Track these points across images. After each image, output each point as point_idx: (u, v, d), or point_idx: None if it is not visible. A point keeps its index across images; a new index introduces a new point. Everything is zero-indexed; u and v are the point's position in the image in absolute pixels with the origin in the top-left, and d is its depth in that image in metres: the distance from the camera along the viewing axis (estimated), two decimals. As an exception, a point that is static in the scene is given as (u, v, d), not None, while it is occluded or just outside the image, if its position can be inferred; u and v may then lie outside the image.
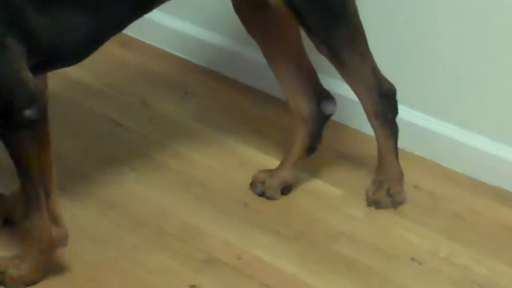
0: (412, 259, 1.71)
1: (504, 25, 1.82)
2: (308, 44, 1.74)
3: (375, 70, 1.75)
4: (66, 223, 1.60)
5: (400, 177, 1.83)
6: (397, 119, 1.85)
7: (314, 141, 1.85)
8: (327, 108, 1.84)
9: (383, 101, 1.76)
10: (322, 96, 1.84)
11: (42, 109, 1.50)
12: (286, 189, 1.86)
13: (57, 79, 1.93)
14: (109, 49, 2.26)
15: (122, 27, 1.61)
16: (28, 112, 1.49)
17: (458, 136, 1.94)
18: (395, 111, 1.79)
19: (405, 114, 1.96)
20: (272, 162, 1.92)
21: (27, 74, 1.49)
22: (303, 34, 1.75)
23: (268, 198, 1.85)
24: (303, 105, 1.83)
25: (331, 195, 1.87)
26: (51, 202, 1.57)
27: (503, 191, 1.88)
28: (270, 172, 1.87)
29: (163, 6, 1.90)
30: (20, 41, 1.47)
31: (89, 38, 1.56)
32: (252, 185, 1.87)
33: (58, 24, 1.50)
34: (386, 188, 1.82)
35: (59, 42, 1.52)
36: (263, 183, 1.86)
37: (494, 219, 1.81)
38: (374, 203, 1.83)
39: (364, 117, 1.82)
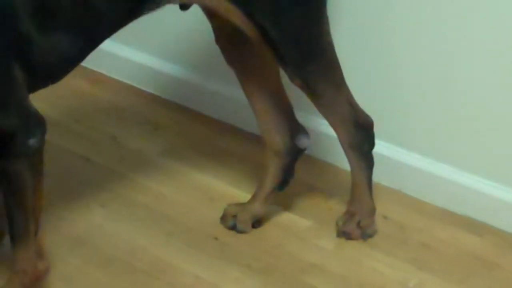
0: (382, 290, 1.73)
1: (475, 58, 1.84)
2: (285, 78, 1.75)
3: (351, 102, 1.75)
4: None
5: (372, 210, 1.84)
6: (365, 150, 1.87)
7: (287, 176, 1.85)
8: (301, 142, 1.84)
9: (359, 133, 1.77)
10: (297, 130, 1.84)
11: (42, 137, 1.49)
12: (257, 223, 1.87)
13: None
14: (78, 84, 2.28)
15: (100, 41, 1.60)
16: (31, 141, 1.47)
17: (425, 166, 1.95)
18: (371, 144, 1.79)
19: (373, 145, 1.98)
20: (242, 196, 1.92)
21: (29, 102, 1.48)
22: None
23: (239, 231, 1.85)
24: (277, 139, 1.83)
25: (301, 227, 1.88)
26: (38, 235, 1.55)
27: (470, 220, 1.90)
28: (242, 205, 1.87)
29: (131, 41, 1.92)
30: (23, 67, 1.46)
31: (72, 57, 1.56)
32: (223, 218, 1.87)
33: (53, 45, 1.50)
34: (357, 220, 1.83)
35: (51, 63, 1.51)
36: (234, 216, 1.86)
37: (462, 247, 1.83)
38: (343, 233, 1.84)
39: (333, 149, 1.84)
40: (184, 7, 1.68)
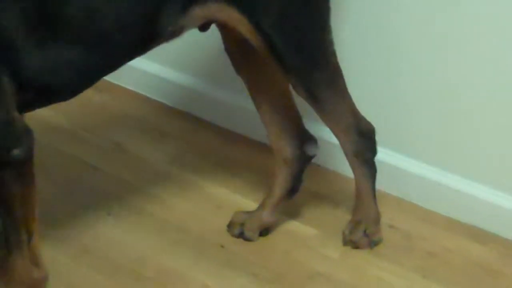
0: (388, 298, 1.73)
1: (479, 64, 1.85)
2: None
3: (353, 110, 1.77)
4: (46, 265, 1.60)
5: (377, 217, 1.85)
6: (371, 159, 1.88)
7: (296, 183, 1.86)
8: (309, 149, 1.85)
9: (362, 140, 1.78)
10: (305, 138, 1.86)
11: (29, 148, 1.51)
12: (265, 231, 1.87)
13: (32, 123, 1.94)
14: (85, 93, 2.27)
15: (114, 68, 1.62)
16: (16, 152, 1.49)
17: (431, 175, 1.96)
18: (374, 151, 1.81)
19: (380, 154, 1.98)
20: (249, 204, 1.93)
21: (15, 113, 1.49)
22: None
23: (246, 239, 1.86)
24: (286, 147, 1.84)
25: (308, 236, 1.88)
26: (32, 243, 1.57)
27: (477, 229, 1.90)
28: (250, 213, 1.88)
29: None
30: (13, 79, 1.47)
31: (82, 77, 1.57)
32: (230, 226, 1.88)
33: (54, 61, 1.51)
34: (363, 228, 1.84)
35: (52, 79, 1.52)
36: (242, 224, 1.86)
37: (468, 257, 1.83)
38: (350, 242, 1.84)
39: (339, 158, 1.84)
40: (202, 28, 1.69)
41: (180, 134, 2.22)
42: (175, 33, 1.63)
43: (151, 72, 2.35)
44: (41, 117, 2.15)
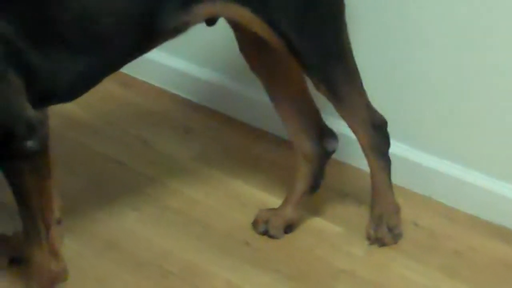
0: (413, 297, 1.73)
1: (496, 60, 1.84)
2: (310, 82, 1.76)
3: (368, 103, 1.78)
4: (65, 258, 1.62)
5: (397, 209, 1.85)
6: (397, 157, 1.87)
7: (317, 179, 1.87)
8: (329, 145, 1.86)
9: (377, 133, 1.79)
10: (324, 133, 1.86)
11: (42, 139, 1.52)
12: (289, 228, 1.87)
13: (58, 118, 1.95)
14: (110, 88, 2.29)
15: (117, 68, 1.64)
16: (29, 143, 1.51)
17: (457, 173, 1.95)
18: (388, 143, 1.81)
19: (404, 151, 1.98)
20: (273, 201, 1.93)
21: (27, 106, 1.51)
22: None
23: (271, 237, 1.86)
24: (306, 143, 1.85)
25: (332, 233, 1.88)
26: (50, 235, 1.58)
27: (502, 228, 1.89)
28: (274, 211, 1.88)
29: (164, 45, 1.93)
30: (19, 76, 1.49)
31: (83, 78, 1.58)
32: (255, 224, 1.88)
33: (55, 64, 1.53)
34: (386, 222, 1.83)
35: (55, 80, 1.54)
36: (266, 222, 1.86)
37: (493, 256, 1.82)
38: (377, 240, 1.84)
39: (363, 155, 1.84)
40: (209, 22, 1.69)
41: (205, 130, 2.22)
42: (179, 29, 1.63)
43: (177, 68, 2.36)
44: (66, 112, 2.17)
